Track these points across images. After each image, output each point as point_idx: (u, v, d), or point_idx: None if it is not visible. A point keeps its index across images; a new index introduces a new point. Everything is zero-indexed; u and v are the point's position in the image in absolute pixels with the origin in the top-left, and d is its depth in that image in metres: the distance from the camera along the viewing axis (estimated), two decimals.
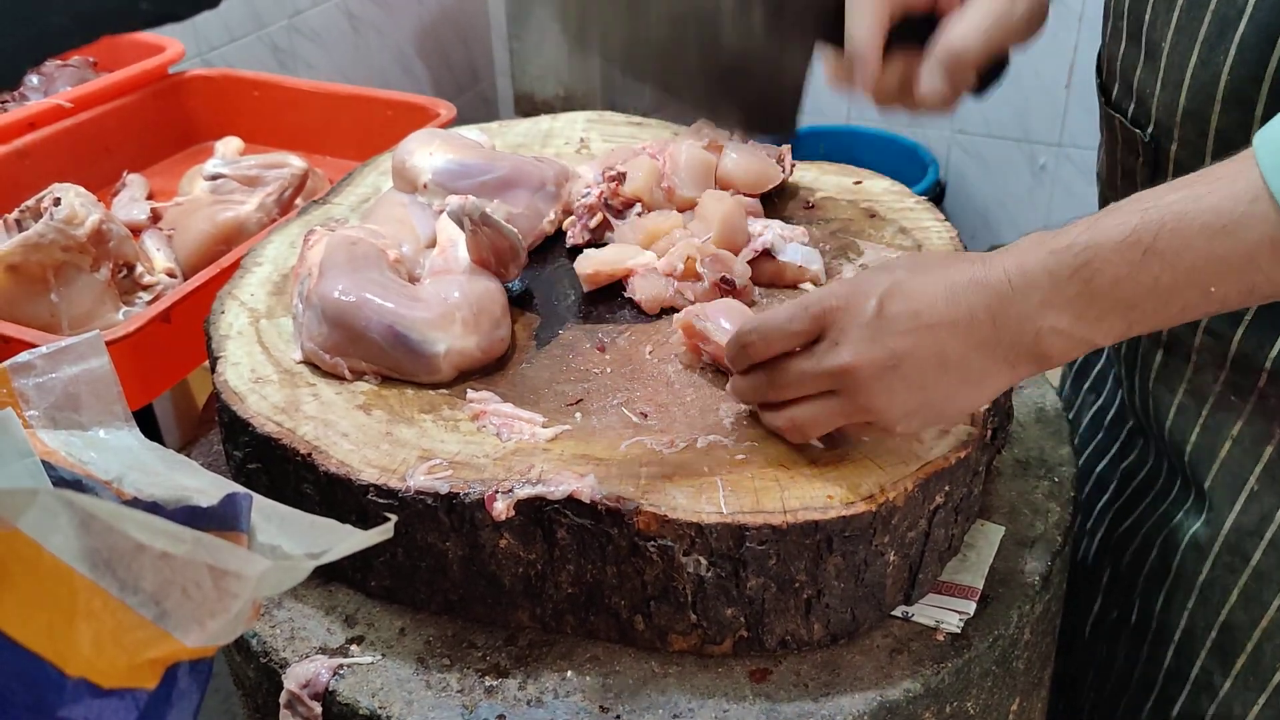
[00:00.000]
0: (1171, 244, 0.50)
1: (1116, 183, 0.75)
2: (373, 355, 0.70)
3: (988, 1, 0.64)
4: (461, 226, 0.74)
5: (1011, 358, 0.56)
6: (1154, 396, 0.75)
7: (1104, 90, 0.75)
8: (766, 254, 0.79)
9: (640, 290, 0.78)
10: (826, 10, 0.67)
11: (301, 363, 0.72)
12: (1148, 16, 0.66)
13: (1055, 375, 0.95)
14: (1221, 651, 0.75)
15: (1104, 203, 0.80)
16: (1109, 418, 0.87)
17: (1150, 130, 0.69)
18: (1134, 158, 0.72)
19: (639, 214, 0.84)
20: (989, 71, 0.68)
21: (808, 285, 0.79)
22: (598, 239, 0.85)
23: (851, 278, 0.60)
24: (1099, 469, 0.87)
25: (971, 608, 0.65)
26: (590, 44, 0.65)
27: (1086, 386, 0.91)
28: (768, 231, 0.80)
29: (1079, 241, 0.53)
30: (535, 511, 0.60)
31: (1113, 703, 0.84)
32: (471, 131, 0.95)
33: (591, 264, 0.79)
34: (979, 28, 0.64)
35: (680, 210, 0.85)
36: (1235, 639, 0.74)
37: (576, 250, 0.85)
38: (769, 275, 0.80)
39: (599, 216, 0.84)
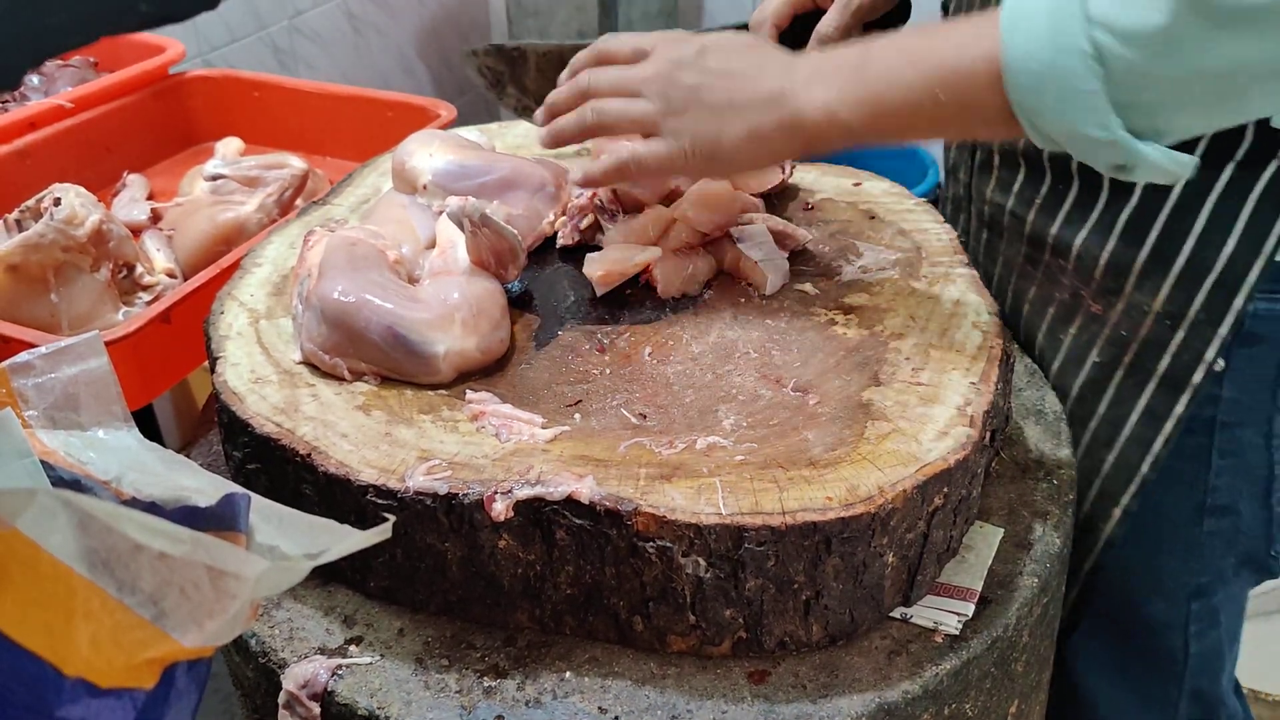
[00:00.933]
0: (923, 53, 0.62)
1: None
2: (372, 356, 0.70)
3: None
4: (461, 228, 0.74)
5: (786, 125, 0.67)
6: (982, 270, 0.87)
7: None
8: (728, 237, 0.80)
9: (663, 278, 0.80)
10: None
11: (301, 363, 0.72)
12: None
13: None
14: None
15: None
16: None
17: None
18: None
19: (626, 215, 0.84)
20: (893, 15, 0.88)
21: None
22: (588, 240, 0.85)
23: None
24: None
25: (970, 609, 0.65)
26: None
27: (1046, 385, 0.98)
28: (756, 220, 0.82)
29: (867, 39, 0.66)
30: (534, 512, 0.61)
31: None
32: (471, 133, 0.95)
33: (603, 265, 0.79)
34: (832, 20, 0.85)
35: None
36: None
37: (570, 250, 0.85)
38: (728, 260, 0.81)
39: (590, 217, 0.85)
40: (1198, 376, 0.75)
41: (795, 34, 0.87)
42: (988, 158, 0.86)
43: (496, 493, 0.60)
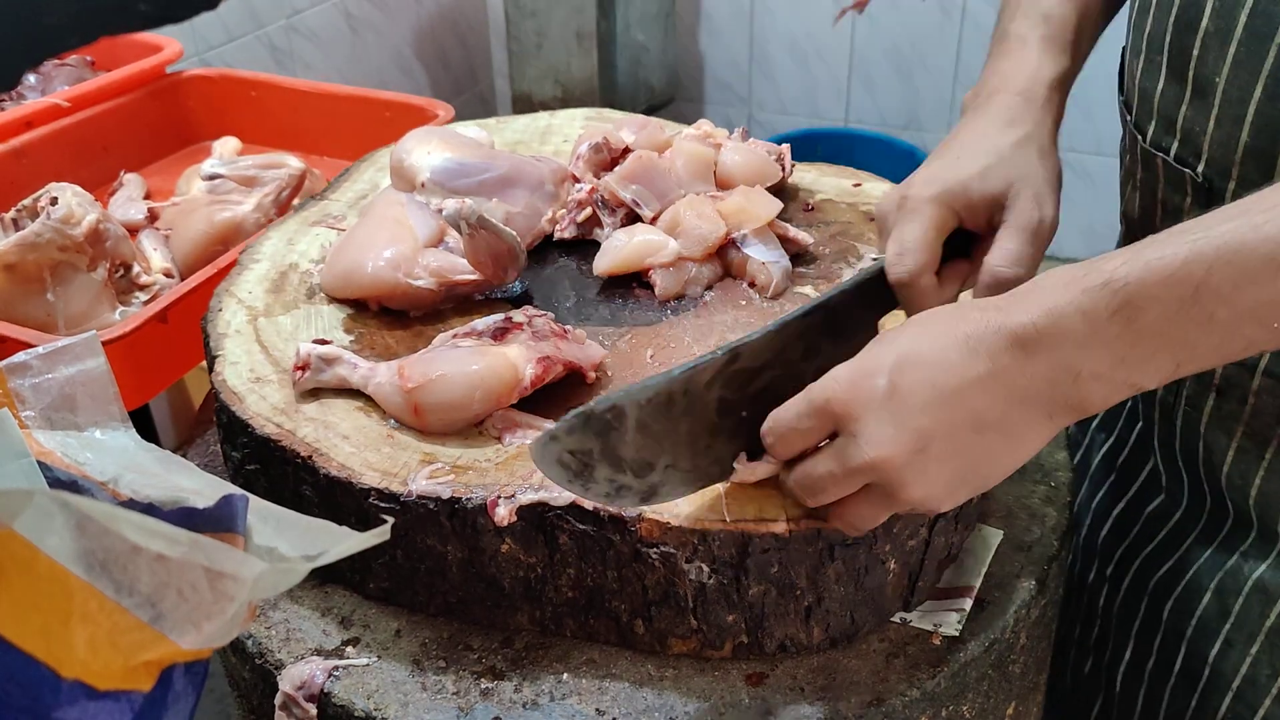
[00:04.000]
0: (1228, 277, 0.46)
1: (1156, 223, 0.71)
2: None
3: (1019, 218, 0.64)
4: (458, 230, 0.74)
5: (1049, 409, 0.51)
6: (1206, 441, 0.71)
7: (1139, 128, 0.70)
8: (733, 243, 0.80)
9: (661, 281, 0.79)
10: (878, 296, 0.66)
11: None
12: (1195, 52, 0.63)
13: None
14: None
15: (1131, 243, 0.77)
16: (1122, 459, 0.83)
17: (1201, 169, 0.65)
18: (1181, 197, 0.68)
19: (624, 216, 0.84)
20: None
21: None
22: (585, 235, 0.85)
23: (855, 359, 0.55)
24: (1116, 512, 0.82)
25: (967, 605, 0.65)
26: None
27: (1094, 425, 0.87)
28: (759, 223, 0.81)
29: (1117, 278, 0.48)
30: (537, 517, 0.60)
31: None
32: (471, 128, 0.95)
33: (608, 262, 0.80)
34: (1019, 255, 0.63)
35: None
36: None
37: (572, 245, 0.85)
38: (731, 262, 0.81)
39: (588, 211, 0.84)
40: None
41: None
42: None
43: (500, 497, 0.60)
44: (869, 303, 0.66)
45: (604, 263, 0.80)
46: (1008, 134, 0.67)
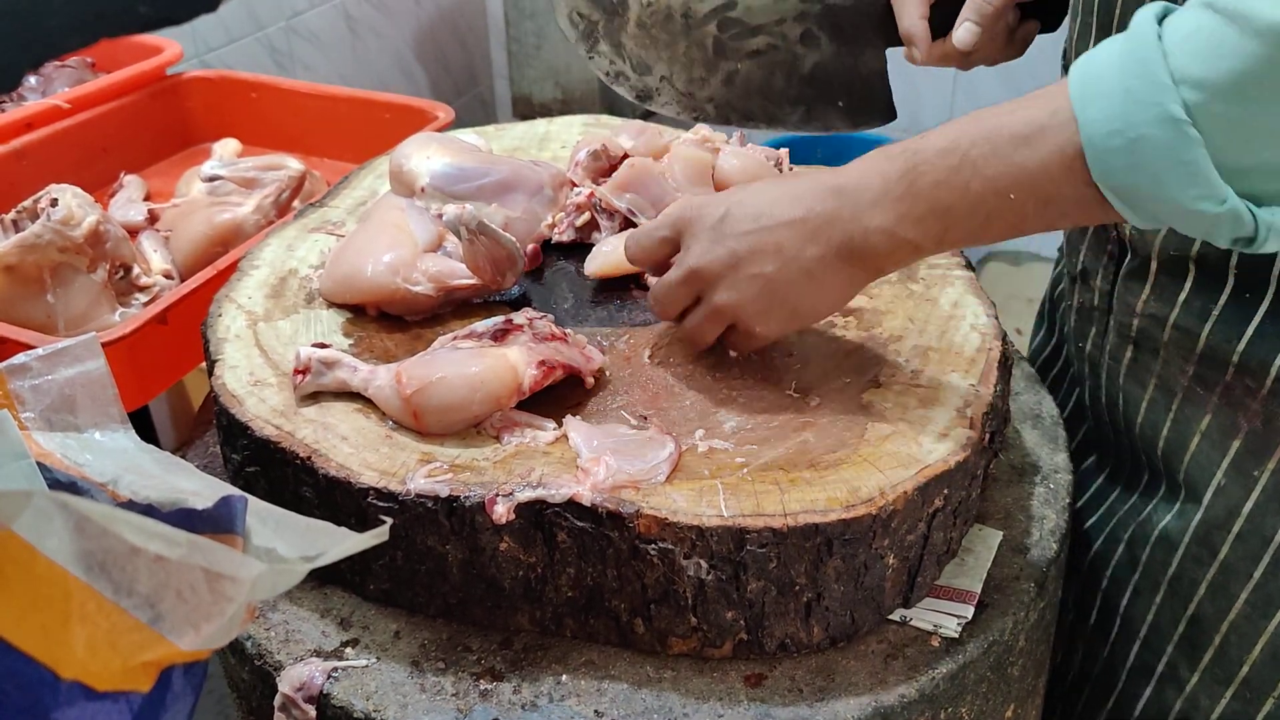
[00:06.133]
0: (982, 151, 0.55)
1: None
2: None
3: None
4: (458, 236, 0.74)
5: (844, 254, 0.61)
6: (1124, 392, 0.77)
7: None
8: None
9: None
10: (882, 19, 0.77)
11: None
12: (1118, 11, 0.68)
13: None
14: (1189, 645, 0.75)
15: None
16: (1064, 419, 0.87)
17: None
18: None
19: (622, 220, 0.84)
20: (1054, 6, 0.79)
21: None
22: (584, 239, 0.85)
23: (707, 195, 0.67)
24: None
25: (969, 612, 0.65)
26: (660, 99, 0.78)
27: (1046, 387, 0.91)
28: None
29: (910, 148, 0.58)
30: (536, 515, 0.60)
31: (1068, 703, 0.84)
32: (468, 135, 0.95)
33: (598, 264, 0.80)
34: None
35: None
36: (1203, 632, 0.74)
37: (570, 248, 0.85)
38: None
39: (586, 215, 0.85)
40: None
41: (945, 11, 0.77)
42: (1141, 264, 0.73)
43: (498, 495, 0.60)
44: (875, 24, 0.76)
45: (594, 265, 0.80)
46: None
